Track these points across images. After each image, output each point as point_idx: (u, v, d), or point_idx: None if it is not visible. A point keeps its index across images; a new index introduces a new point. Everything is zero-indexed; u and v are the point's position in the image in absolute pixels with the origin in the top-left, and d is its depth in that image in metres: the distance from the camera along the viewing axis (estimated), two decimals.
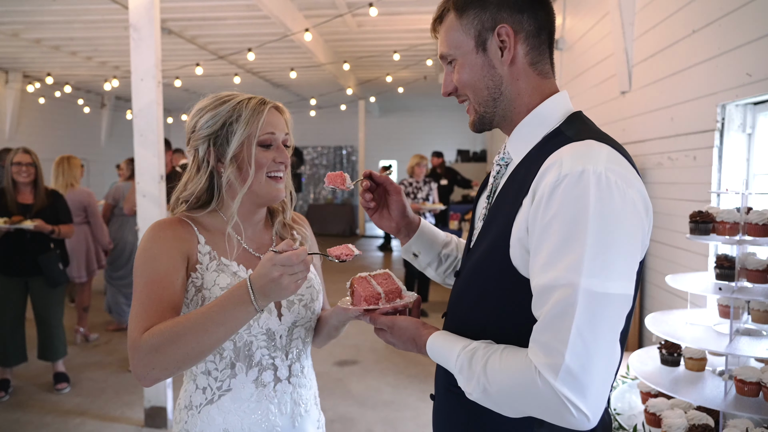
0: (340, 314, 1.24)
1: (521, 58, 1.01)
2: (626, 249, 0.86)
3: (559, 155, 0.90)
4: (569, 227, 0.84)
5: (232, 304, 1.02)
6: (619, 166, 0.89)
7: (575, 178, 0.85)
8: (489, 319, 0.99)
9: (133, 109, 3.28)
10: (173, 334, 1.03)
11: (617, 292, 0.84)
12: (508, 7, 0.99)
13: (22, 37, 7.03)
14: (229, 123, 1.18)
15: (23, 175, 3.66)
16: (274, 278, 0.99)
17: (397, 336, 1.09)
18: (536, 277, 0.88)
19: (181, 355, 1.03)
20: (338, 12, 6.09)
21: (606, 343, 0.84)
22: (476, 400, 0.93)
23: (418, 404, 3.73)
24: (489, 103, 1.03)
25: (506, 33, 0.99)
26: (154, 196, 3.30)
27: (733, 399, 1.81)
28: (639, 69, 3.45)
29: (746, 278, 1.90)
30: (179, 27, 6.61)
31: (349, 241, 11.81)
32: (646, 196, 0.92)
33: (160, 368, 1.04)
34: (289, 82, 10.19)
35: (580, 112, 1.04)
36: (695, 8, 2.71)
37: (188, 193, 1.22)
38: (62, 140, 10.78)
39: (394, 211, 1.25)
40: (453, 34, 1.03)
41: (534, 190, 0.91)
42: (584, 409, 0.82)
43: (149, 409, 3.37)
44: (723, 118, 2.51)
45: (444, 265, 1.31)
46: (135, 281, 1.12)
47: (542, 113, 1.01)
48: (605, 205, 0.84)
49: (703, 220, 1.97)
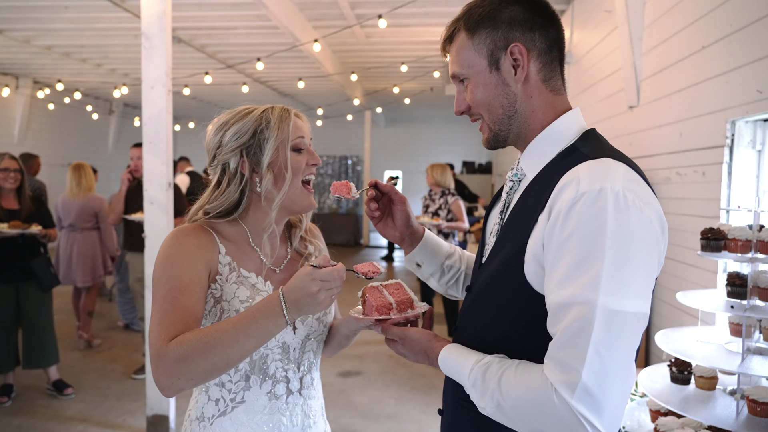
0: (351, 324, 1.24)
1: (534, 76, 1.01)
2: (643, 267, 0.86)
3: (576, 173, 0.90)
4: (587, 245, 0.84)
5: (263, 316, 1.01)
6: (636, 184, 0.89)
7: (593, 196, 0.85)
8: (502, 334, 0.98)
9: (143, 116, 3.30)
10: (203, 344, 1.01)
11: (634, 311, 0.84)
12: (519, 26, 1.00)
13: (33, 44, 7.10)
14: (259, 131, 1.19)
15: (10, 181, 3.69)
16: (312, 293, 0.99)
17: (408, 348, 1.09)
18: (552, 293, 0.88)
19: (209, 365, 1.01)
20: (347, 23, 6.13)
21: (622, 362, 0.83)
22: (489, 415, 0.93)
23: (422, 417, 3.70)
24: (504, 121, 1.03)
25: (519, 51, 1.00)
26: (162, 204, 3.31)
27: (745, 419, 1.78)
28: (647, 84, 3.45)
29: (758, 296, 1.88)
30: (189, 36, 6.66)
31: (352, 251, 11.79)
32: (662, 215, 0.92)
33: (186, 378, 1.01)
34: (297, 91, 10.24)
35: (593, 129, 1.04)
36: (705, 24, 2.71)
37: (216, 205, 1.21)
38: (70, 146, 10.86)
39: (398, 220, 1.26)
40: (465, 53, 1.03)
41: (551, 207, 0.90)
42: (600, 427, 0.81)
43: (151, 417, 3.35)
44: (733, 134, 2.50)
45: (446, 276, 1.31)
46: (156, 288, 1.11)
47: (557, 130, 1.02)
48: (623, 224, 0.84)
49: (715, 237, 1.95)
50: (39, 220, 3.79)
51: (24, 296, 3.77)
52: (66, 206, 4.87)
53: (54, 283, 3.85)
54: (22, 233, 3.63)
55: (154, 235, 3.33)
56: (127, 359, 4.72)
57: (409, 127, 14.70)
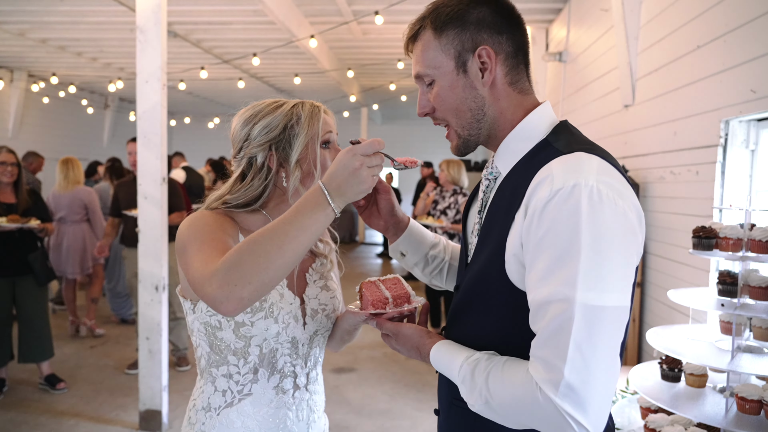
0: (350, 318, 1.24)
1: (501, 79, 1.00)
2: (620, 261, 0.86)
3: (549, 169, 0.90)
4: (563, 242, 0.85)
5: (308, 208, 0.97)
6: (610, 177, 0.89)
7: (567, 192, 0.85)
8: (491, 332, 0.99)
9: (137, 111, 3.29)
10: (252, 243, 0.95)
11: (613, 305, 0.84)
12: (488, 28, 0.99)
13: (28, 37, 7.05)
14: (289, 126, 1.18)
15: (7, 175, 3.68)
16: (355, 169, 0.97)
17: (401, 343, 1.09)
18: (532, 292, 0.88)
19: (264, 263, 0.93)
20: (344, 19, 6.11)
21: (605, 357, 0.83)
22: (478, 411, 0.93)
23: (415, 413, 3.71)
24: (473, 125, 1.02)
25: (487, 54, 0.98)
26: (156, 199, 3.30)
27: (734, 416, 1.79)
28: (643, 83, 3.46)
29: (749, 295, 1.89)
30: (185, 30, 6.63)
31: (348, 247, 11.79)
32: (638, 205, 0.92)
33: (242, 283, 0.92)
34: (293, 87, 10.21)
35: (565, 121, 1.03)
36: (700, 24, 2.72)
37: (238, 196, 1.20)
38: (65, 140, 10.80)
39: (383, 209, 1.25)
40: (431, 53, 1.01)
41: (526, 205, 0.90)
42: (585, 424, 0.82)
43: (144, 412, 3.35)
44: (726, 134, 2.51)
45: (430, 266, 1.31)
46: (188, 248, 1.06)
47: (527, 127, 1.01)
48: (597, 219, 0.84)
49: (707, 235, 1.96)
50: (36, 214, 3.78)
51: (20, 290, 3.76)
52: (56, 200, 4.96)
53: (50, 277, 3.85)
54: (20, 227, 3.61)
55: (148, 230, 3.32)
56: (120, 354, 4.71)
57: (406, 124, 14.70)
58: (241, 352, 1.18)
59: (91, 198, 4.99)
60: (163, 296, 3.34)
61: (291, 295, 1.22)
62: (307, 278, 1.28)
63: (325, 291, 1.29)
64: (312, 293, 1.27)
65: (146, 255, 3.32)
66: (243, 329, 1.16)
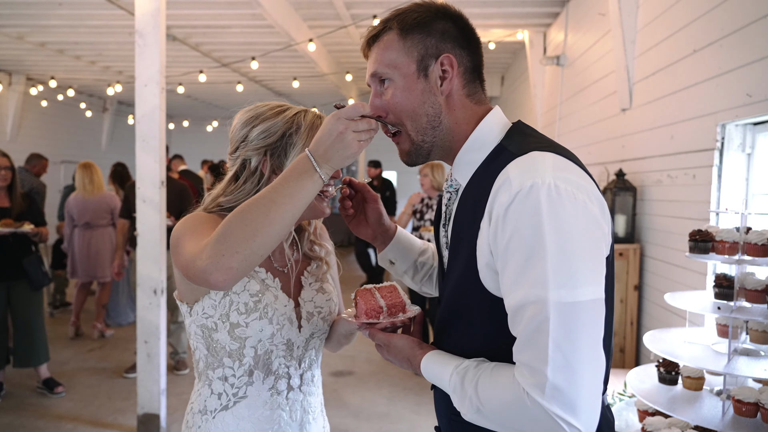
0: (345, 325, 1.25)
1: (458, 91, 1.01)
2: (588, 254, 0.86)
3: (506, 173, 0.90)
4: (528, 243, 0.85)
5: (295, 175, 0.98)
6: (566, 171, 0.89)
7: (525, 194, 0.86)
8: (477, 341, 0.99)
9: (136, 114, 3.29)
10: (241, 213, 0.96)
11: (587, 299, 0.84)
12: (452, 40, 1.00)
13: (27, 40, 7.06)
14: (288, 134, 1.18)
15: (0, 179, 3.66)
16: (340, 133, 0.96)
17: (393, 354, 1.09)
18: (507, 297, 0.88)
19: (251, 231, 0.94)
20: (342, 23, 6.13)
21: (587, 353, 0.83)
22: (471, 420, 0.93)
23: (413, 417, 3.71)
24: (428, 131, 1.02)
25: (450, 63, 0.99)
26: (154, 202, 3.30)
27: (731, 419, 1.80)
28: (640, 87, 3.48)
29: (745, 298, 1.90)
30: (184, 34, 6.65)
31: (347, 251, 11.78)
32: (599, 196, 0.92)
33: (230, 252, 0.93)
34: (291, 90, 10.23)
35: (518, 122, 1.04)
36: (697, 28, 2.74)
37: (230, 199, 1.20)
38: (63, 143, 10.79)
39: (371, 218, 1.26)
40: (392, 53, 1.01)
41: (489, 212, 0.91)
42: (576, 424, 0.81)
43: (142, 416, 3.35)
44: (723, 138, 2.52)
45: (420, 273, 1.32)
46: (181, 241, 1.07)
47: (480, 136, 1.01)
48: (558, 215, 0.85)
49: (703, 239, 1.97)
50: (30, 218, 3.76)
51: (14, 295, 3.74)
52: (80, 204, 5.02)
53: (45, 282, 3.82)
54: (13, 232, 3.60)
55: (147, 233, 3.32)
56: (118, 358, 4.70)
57: None
58: (237, 353, 1.19)
59: (115, 203, 5.14)
60: (161, 300, 3.34)
61: (285, 297, 1.23)
62: (303, 281, 1.29)
63: (320, 294, 1.30)
64: (307, 296, 1.27)
65: (145, 258, 3.33)
66: (238, 330, 1.17)
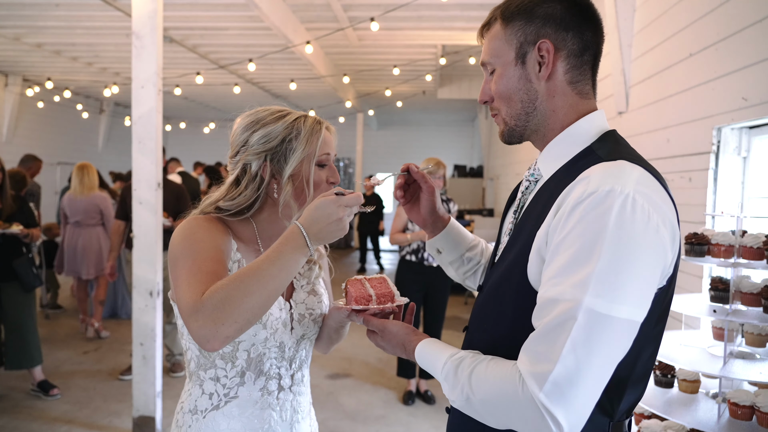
0: (335, 314, 1.26)
1: (560, 76, 1.00)
2: (641, 274, 0.83)
3: (588, 173, 0.89)
4: (584, 244, 0.83)
5: (289, 249, 1.01)
6: (650, 189, 0.86)
7: (601, 197, 0.84)
8: (504, 334, 0.98)
9: (133, 116, 3.29)
10: (239, 283, 0.98)
11: (622, 317, 0.81)
12: (554, 23, 0.98)
13: (23, 41, 7.04)
14: (288, 140, 1.18)
15: None
16: (339, 219, 1.02)
17: (387, 339, 1.10)
18: (543, 288, 0.87)
19: (250, 304, 0.97)
20: (340, 26, 6.14)
21: (599, 365, 0.81)
22: (459, 408, 0.94)
23: (410, 419, 3.70)
24: (521, 116, 1.02)
25: (546, 48, 0.98)
26: (151, 204, 3.29)
27: (727, 422, 1.80)
28: (636, 90, 3.49)
29: (741, 301, 1.91)
30: (181, 36, 6.64)
31: (344, 253, 11.79)
32: (675, 223, 0.89)
33: (229, 322, 0.96)
34: (289, 93, 10.23)
35: (614, 131, 1.02)
36: (693, 32, 2.75)
37: (231, 204, 1.21)
38: (59, 145, 10.76)
39: (423, 207, 1.28)
40: (496, 42, 1.02)
41: (559, 204, 0.90)
42: (563, 422, 0.80)
43: (137, 418, 3.33)
44: (719, 141, 2.53)
45: (465, 267, 1.33)
46: (179, 262, 1.07)
47: (576, 132, 1.00)
48: (625, 227, 0.82)
49: (699, 242, 1.98)
50: (21, 219, 3.72)
51: (5, 297, 3.70)
52: (72, 204, 5.16)
53: (36, 283, 3.78)
54: (2, 233, 3.57)
55: (143, 234, 3.31)
56: (113, 360, 4.68)
57: (402, 130, 14.73)
58: (229, 356, 1.19)
59: (106, 203, 5.24)
60: (157, 302, 3.33)
61: (281, 300, 1.23)
62: (295, 284, 1.29)
63: (312, 296, 1.30)
64: (299, 298, 1.28)
65: (140, 260, 3.32)
66: None
